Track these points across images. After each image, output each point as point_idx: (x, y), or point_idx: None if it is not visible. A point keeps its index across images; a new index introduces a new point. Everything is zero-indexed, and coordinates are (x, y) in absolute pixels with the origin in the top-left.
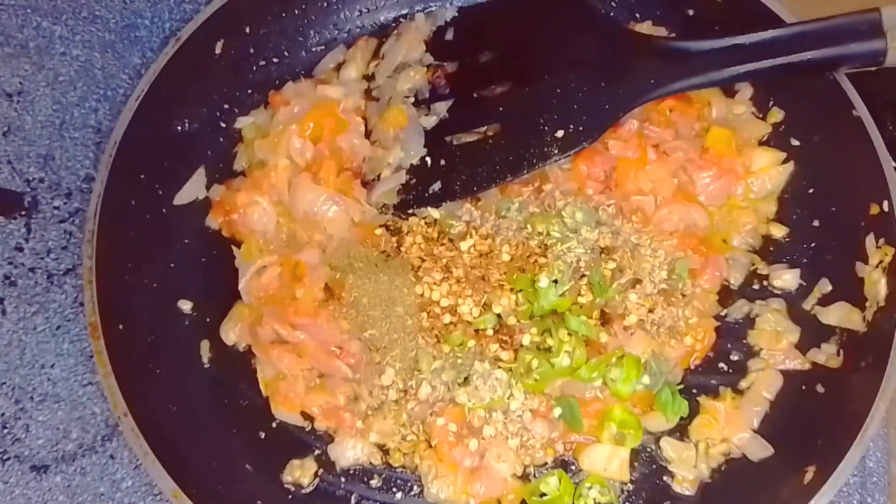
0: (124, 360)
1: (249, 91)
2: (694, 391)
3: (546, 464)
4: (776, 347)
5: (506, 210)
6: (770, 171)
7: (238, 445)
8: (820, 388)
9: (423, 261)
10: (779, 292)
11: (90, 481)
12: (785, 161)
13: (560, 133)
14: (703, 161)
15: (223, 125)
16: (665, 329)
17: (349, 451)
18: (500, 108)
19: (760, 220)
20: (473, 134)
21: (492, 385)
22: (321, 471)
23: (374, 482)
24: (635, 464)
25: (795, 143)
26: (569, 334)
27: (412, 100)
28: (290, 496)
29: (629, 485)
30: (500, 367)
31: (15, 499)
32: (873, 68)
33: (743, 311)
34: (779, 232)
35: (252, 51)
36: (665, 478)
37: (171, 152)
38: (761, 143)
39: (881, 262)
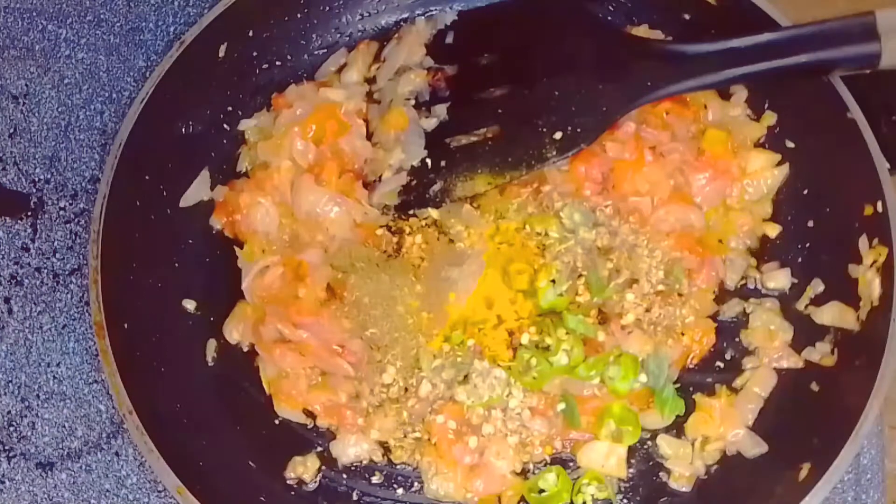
0: (129, 359)
1: (252, 94)
2: (690, 389)
3: (545, 461)
4: (770, 346)
5: (504, 211)
6: (765, 173)
7: (241, 442)
8: (814, 386)
9: (424, 260)
10: (772, 292)
11: (95, 478)
12: (780, 163)
13: (558, 135)
14: (699, 163)
15: (226, 127)
16: (662, 328)
17: (351, 448)
18: (500, 111)
19: (756, 222)
20: (473, 136)
21: (491, 383)
22: (323, 467)
23: (376, 479)
24: (632, 460)
25: (790, 144)
26: (567, 333)
27: (413, 102)
28: (292, 492)
29: (626, 481)
30: (498, 365)
31: (21, 496)
32: (867, 71)
33: (736, 309)
34: (773, 231)
35: (255, 54)
36: (661, 474)
37: (176, 154)
38: (756, 146)
39: (875, 261)
